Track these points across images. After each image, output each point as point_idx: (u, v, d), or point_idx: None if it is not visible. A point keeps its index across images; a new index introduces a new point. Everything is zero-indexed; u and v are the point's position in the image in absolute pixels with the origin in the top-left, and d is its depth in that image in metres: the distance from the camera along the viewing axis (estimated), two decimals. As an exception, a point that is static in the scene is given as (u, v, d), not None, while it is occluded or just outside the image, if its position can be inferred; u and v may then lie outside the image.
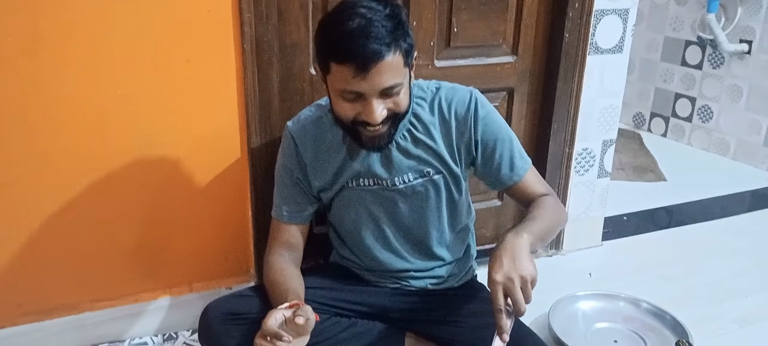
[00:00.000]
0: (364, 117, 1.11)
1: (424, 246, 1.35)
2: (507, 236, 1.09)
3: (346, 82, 1.07)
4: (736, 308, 1.73)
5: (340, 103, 1.12)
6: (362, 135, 1.16)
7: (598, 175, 1.98)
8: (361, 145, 1.20)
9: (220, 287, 1.59)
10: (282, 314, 1.03)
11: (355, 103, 1.11)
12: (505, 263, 1.03)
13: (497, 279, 1.01)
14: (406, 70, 1.12)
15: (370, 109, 1.09)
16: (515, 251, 1.05)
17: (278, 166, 1.34)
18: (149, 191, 1.45)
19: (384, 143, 1.18)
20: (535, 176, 1.32)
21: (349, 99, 1.10)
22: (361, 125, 1.13)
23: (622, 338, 1.55)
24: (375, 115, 1.09)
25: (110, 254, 1.47)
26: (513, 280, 1.01)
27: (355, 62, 1.04)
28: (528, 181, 1.30)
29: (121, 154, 1.40)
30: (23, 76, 1.27)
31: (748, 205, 2.51)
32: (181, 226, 1.52)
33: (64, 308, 1.47)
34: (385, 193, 1.28)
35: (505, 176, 1.29)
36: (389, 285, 1.38)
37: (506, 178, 1.29)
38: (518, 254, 1.04)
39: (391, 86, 1.09)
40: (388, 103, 1.11)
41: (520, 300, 1.01)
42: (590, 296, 1.69)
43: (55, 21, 1.25)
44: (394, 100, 1.11)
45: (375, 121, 1.10)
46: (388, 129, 1.15)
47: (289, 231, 1.32)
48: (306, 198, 1.33)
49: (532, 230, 1.12)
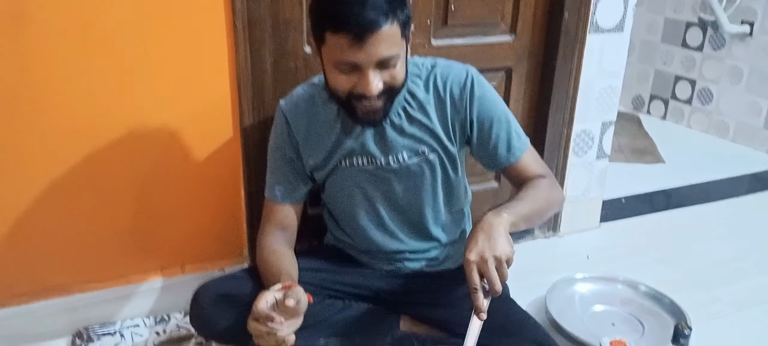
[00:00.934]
0: (359, 89, 1.08)
1: (419, 226, 1.33)
2: (485, 216, 1.07)
3: (341, 52, 1.05)
4: (733, 291, 1.72)
5: (335, 75, 1.09)
6: (357, 109, 1.13)
7: (597, 156, 1.96)
8: (356, 120, 1.17)
9: (213, 268, 1.57)
10: (273, 296, 1.01)
11: (350, 75, 1.08)
12: (479, 242, 1.01)
13: (470, 258, 1.00)
14: (402, 42, 1.09)
15: (366, 81, 1.06)
16: (492, 230, 1.03)
17: (271, 145, 1.31)
18: (140, 170, 1.43)
19: (379, 118, 1.15)
20: (532, 156, 1.29)
21: (344, 71, 1.08)
22: (356, 99, 1.11)
23: (619, 321, 1.54)
24: (371, 87, 1.06)
25: (101, 235, 1.45)
26: (486, 260, 0.99)
27: (352, 31, 1.02)
28: (525, 162, 1.27)
29: (110, 133, 1.37)
30: (9, 53, 1.23)
31: (747, 187, 2.49)
32: (172, 206, 1.49)
33: (55, 290, 1.45)
34: (380, 172, 1.26)
35: (501, 156, 1.26)
36: (384, 267, 1.37)
37: (503, 159, 1.27)
38: (494, 233, 1.02)
39: (388, 57, 1.06)
40: (384, 76, 1.08)
41: (495, 279, 0.99)
42: (588, 278, 1.67)
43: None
44: (391, 72, 1.09)
45: (371, 93, 1.07)
46: (383, 103, 1.12)
47: (282, 211, 1.30)
48: (299, 178, 1.30)
49: (516, 210, 1.10)
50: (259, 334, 1.00)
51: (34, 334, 1.43)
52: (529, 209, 1.14)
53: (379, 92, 1.09)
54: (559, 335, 1.44)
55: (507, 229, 1.05)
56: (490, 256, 0.99)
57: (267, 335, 0.99)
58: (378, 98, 1.10)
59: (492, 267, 0.99)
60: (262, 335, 1.00)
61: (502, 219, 1.06)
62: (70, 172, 1.36)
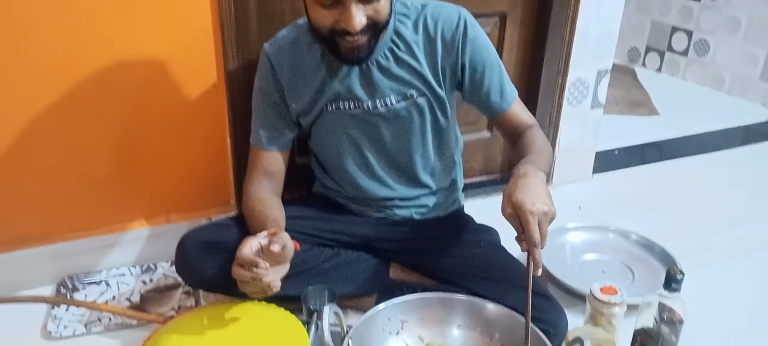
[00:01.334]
0: (342, 25, 1.04)
1: (408, 173, 1.30)
2: (529, 169, 1.03)
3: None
4: (724, 239, 1.71)
5: (317, 10, 1.05)
6: (341, 46, 1.08)
7: (592, 105, 1.92)
8: (340, 58, 1.12)
9: (200, 217, 1.54)
10: (258, 242, 0.99)
11: (332, 9, 1.03)
12: (539, 193, 0.98)
13: (535, 209, 0.95)
14: None
15: (348, 16, 1.02)
16: (540, 184, 1.00)
17: (255, 89, 1.27)
18: (120, 115, 1.38)
19: (364, 55, 1.11)
20: (520, 105, 1.28)
21: (326, 5, 1.03)
22: (339, 35, 1.06)
23: (610, 269, 1.53)
24: (354, 22, 1.02)
25: (82, 183, 1.41)
26: (546, 214, 0.96)
27: None
28: (516, 110, 1.25)
29: (88, 75, 1.31)
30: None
31: (741, 139, 2.47)
32: (156, 153, 1.45)
33: (37, 238, 1.42)
34: (367, 117, 1.22)
35: (495, 102, 1.24)
36: (373, 215, 1.34)
37: (496, 105, 1.24)
38: (543, 188, 1.00)
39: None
40: (367, 10, 1.04)
41: (546, 234, 0.97)
42: (579, 228, 1.66)
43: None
44: (374, 6, 1.04)
45: (354, 29, 1.03)
46: (367, 39, 1.08)
47: (268, 158, 1.27)
48: (284, 123, 1.26)
49: (543, 167, 1.08)
50: (244, 280, 0.98)
51: (16, 282, 1.41)
52: (546, 163, 1.13)
53: (362, 27, 1.04)
54: (550, 282, 1.43)
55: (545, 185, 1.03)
56: (549, 211, 0.97)
57: (252, 280, 0.97)
58: (362, 34, 1.06)
59: (547, 223, 0.97)
60: (246, 281, 0.98)
61: (542, 176, 1.03)
62: (47, 116, 1.31)
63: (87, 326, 1.31)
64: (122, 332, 1.31)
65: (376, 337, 1.04)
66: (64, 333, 1.29)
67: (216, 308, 1.15)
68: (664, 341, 1.08)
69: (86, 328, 1.31)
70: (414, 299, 1.07)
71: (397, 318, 1.06)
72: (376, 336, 1.04)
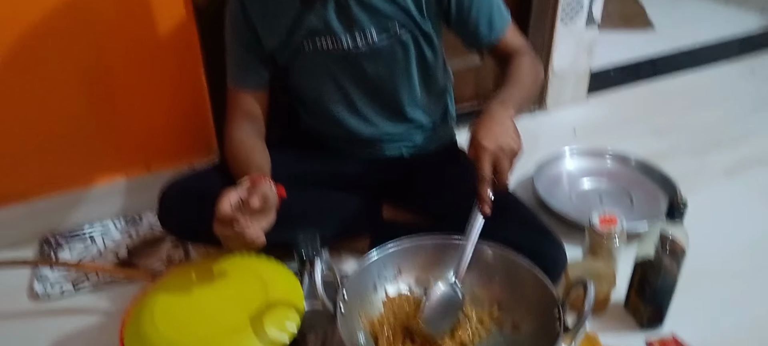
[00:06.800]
0: None
1: (395, 110, 1.24)
2: (493, 105, 1.01)
3: None
4: (723, 158, 1.68)
5: None
6: None
7: (587, 23, 1.83)
8: None
9: (181, 164, 1.47)
10: (237, 196, 0.93)
11: None
12: (495, 131, 0.95)
13: (488, 146, 0.93)
14: None
15: None
16: (505, 121, 0.98)
17: (227, 27, 1.19)
18: (87, 57, 1.29)
19: None
20: (513, 32, 1.20)
21: None
22: None
23: (608, 195, 1.50)
24: None
25: (53, 134, 1.34)
26: (503, 149, 0.93)
27: None
28: (507, 39, 1.18)
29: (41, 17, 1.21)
30: None
31: (738, 49, 2.39)
32: (129, 101, 1.37)
33: (11, 196, 1.36)
34: (347, 54, 1.14)
35: (483, 35, 1.16)
36: (362, 154, 1.29)
37: (485, 37, 1.16)
38: (508, 125, 0.98)
39: None
40: None
41: (506, 171, 0.94)
42: (575, 153, 1.62)
43: None
44: None
45: None
46: None
47: (246, 99, 1.20)
48: (260, 61, 1.18)
49: (516, 101, 1.05)
50: (227, 237, 0.93)
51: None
52: (525, 96, 1.10)
53: None
54: (547, 214, 1.40)
55: (514, 121, 1.00)
56: (507, 146, 0.94)
57: (235, 238, 0.92)
58: None
59: (507, 158, 0.94)
60: (230, 239, 0.93)
61: (511, 112, 1.01)
62: (9, 68, 1.23)
63: (75, 285, 1.27)
64: (112, 288, 1.27)
65: (372, 285, 1.01)
66: (52, 293, 1.25)
67: (204, 262, 1.11)
68: (666, 272, 1.06)
69: (74, 287, 1.27)
70: (408, 245, 1.02)
71: (392, 265, 1.02)
72: (372, 284, 1.01)
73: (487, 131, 0.95)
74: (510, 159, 0.95)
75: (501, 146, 0.93)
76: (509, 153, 0.94)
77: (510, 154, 0.94)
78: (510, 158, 0.95)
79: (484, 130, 0.96)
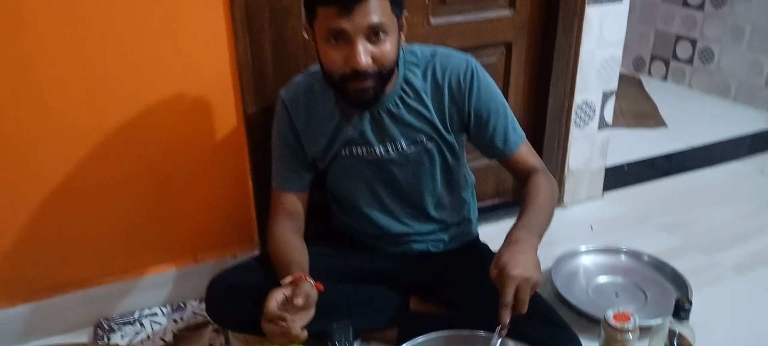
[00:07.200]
0: (350, 64, 1.09)
1: (421, 211, 1.36)
2: (519, 233, 1.10)
3: (330, 21, 1.07)
4: (734, 255, 1.75)
5: (326, 51, 1.11)
6: (349, 89, 1.14)
7: (599, 126, 1.97)
8: (350, 101, 1.18)
9: (225, 256, 1.60)
10: (282, 294, 1.05)
11: (340, 49, 1.09)
12: (521, 260, 1.04)
13: (514, 275, 1.02)
14: (393, 18, 1.10)
15: (355, 52, 1.07)
16: (529, 250, 1.07)
17: (273, 134, 1.33)
18: (146, 164, 1.45)
19: (370, 97, 1.15)
20: (527, 149, 1.31)
21: (334, 42, 1.09)
22: (348, 79, 1.12)
23: (623, 291, 1.58)
24: (360, 59, 1.07)
25: (114, 230, 1.48)
26: (528, 280, 1.02)
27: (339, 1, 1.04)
28: (520, 154, 1.29)
29: (114, 129, 1.38)
30: (9, 56, 1.24)
31: (749, 148, 2.50)
32: (182, 198, 1.52)
33: (73, 284, 1.49)
34: (380, 161, 1.28)
35: (498, 148, 1.29)
36: (391, 249, 1.40)
37: (499, 151, 1.29)
38: (534, 257, 1.07)
39: (377, 25, 1.07)
40: (374, 51, 1.09)
41: (526, 302, 1.03)
42: (591, 250, 1.70)
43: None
44: (380, 48, 1.09)
45: (360, 66, 1.08)
46: (374, 84, 1.13)
47: (289, 200, 1.33)
48: (303, 166, 1.32)
49: (539, 228, 1.14)
50: (274, 334, 1.04)
51: (56, 327, 1.48)
52: (546, 221, 1.19)
53: (368, 66, 1.09)
54: (565, 308, 1.47)
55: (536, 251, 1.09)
56: (529, 277, 1.02)
57: (281, 334, 1.03)
58: (369, 78, 1.11)
59: (529, 290, 1.02)
60: (276, 335, 1.04)
61: (536, 242, 1.10)
62: (79, 168, 1.39)
63: (125, 368, 1.38)
64: (158, 371, 1.37)
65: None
66: (104, 375, 1.36)
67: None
68: (676, 367, 1.13)
69: (124, 369, 1.37)
70: (436, 338, 1.11)
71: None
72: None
73: (514, 260, 1.03)
74: (531, 289, 1.03)
75: (525, 277, 1.02)
76: (531, 283, 1.03)
77: (531, 284, 1.03)
78: (531, 288, 1.03)
79: (511, 258, 1.03)
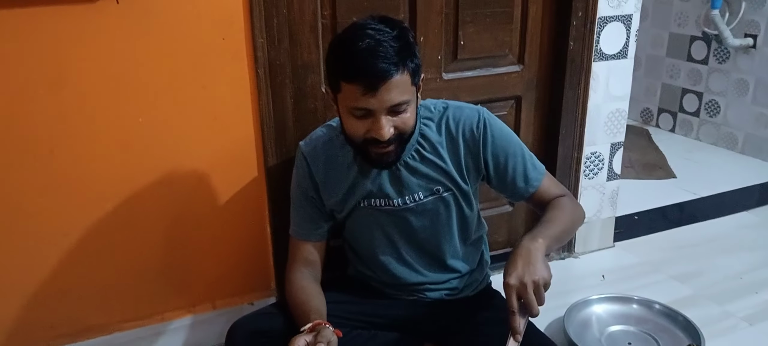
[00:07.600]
0: (372, 134, 1.15)
1: (437, 260, 1.39)
2: (522, 241, 1.14)
3: (355, 99, 1.12)
4: (746, 305, 1.75)
5: (350, 120, 1.16)
6: (371, 153, 1.19)
7: (608, 177, 2.01)
8: (371, 163, 1.24)
9: (243, 303, 1.64)
10: (304, 340, 1.07)
11: (364, 120, 1.15)
12: (519, 266, 1.08)
13: (511, 282, 1.07)
14: (413, 89, 1.16)
15: (378, 126, 1.13)
16: (530, 255, 1.10)
17: (293, 185, 1.38)
18: (170, 212, 1.51)
19: (392, 161, 1.22)
20: (550, 181, 1.35)
21: (358, 116, 1.14)
22: (370, 143, 1.17)
23: (635, 340, 1.59)
24: (383, 132, 1.13)
25: (136, 277, 1.52)
26: (526, 283, 1.06)
27: (365, 80, 1.09)
28: (544, 188, 1.33)
29: (142, 180, 1.45)
30: (49, 109, 1.32)
31: (758, 199, 2.52)
32: (203, 246, 1.57)
33: (94, 330, 1.53)
34: (397, 212, 1.32)
35: (520, 188, 1.32)
36: (406, 297, 1.42)
37: (522, 190, 1.33)
38: (533, 258, 1.10)
39: (399, 103, 1.13)
40: (395, 121, 1.15)
41: (533, 302, 1.06)
42: (603, 299, 1.72)
43: (77, 58, 1.31)
44: (402, 118, 1.15)
45: (383, 138, 1.14)
46: (395, 148, 1.19)
47: (307, 248, 1.36)
48: (321, 216, 1.37)
49: (548, 233, 1.17)
50: (297, 378, 1.06)
51: (76, 372, 1.51)
52: (559, 230, 1.21)
53: (390, 137, 1.15)
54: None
55: (543, 253, 1.12)
56: (529, 280, 1.06)
57: (304, 379, 1.05)
58: (390, 144, 1.17)
59: (531, 291, 1.06)
60: (299, 380, 1.06)
61: (538, 244, 1.13)
62: (105, 217, 1.44)
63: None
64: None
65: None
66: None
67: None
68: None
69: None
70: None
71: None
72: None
73: (512, 268, 1.08)
74: (536, 288, 1.06)
75: (523, 281, 1.06)
76: (533, 284, 1.06)
77: (534, 285, 1.06)
78: (536, 288, 1.06)
79: (511, 266, 1.08)
